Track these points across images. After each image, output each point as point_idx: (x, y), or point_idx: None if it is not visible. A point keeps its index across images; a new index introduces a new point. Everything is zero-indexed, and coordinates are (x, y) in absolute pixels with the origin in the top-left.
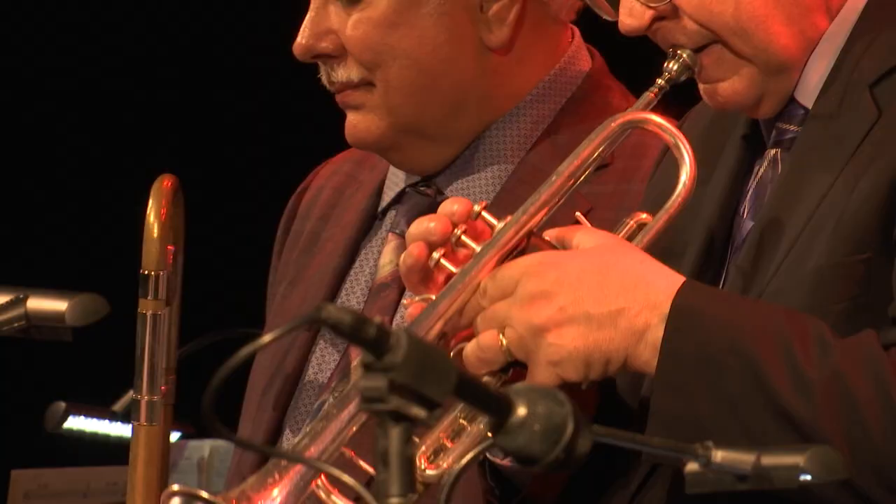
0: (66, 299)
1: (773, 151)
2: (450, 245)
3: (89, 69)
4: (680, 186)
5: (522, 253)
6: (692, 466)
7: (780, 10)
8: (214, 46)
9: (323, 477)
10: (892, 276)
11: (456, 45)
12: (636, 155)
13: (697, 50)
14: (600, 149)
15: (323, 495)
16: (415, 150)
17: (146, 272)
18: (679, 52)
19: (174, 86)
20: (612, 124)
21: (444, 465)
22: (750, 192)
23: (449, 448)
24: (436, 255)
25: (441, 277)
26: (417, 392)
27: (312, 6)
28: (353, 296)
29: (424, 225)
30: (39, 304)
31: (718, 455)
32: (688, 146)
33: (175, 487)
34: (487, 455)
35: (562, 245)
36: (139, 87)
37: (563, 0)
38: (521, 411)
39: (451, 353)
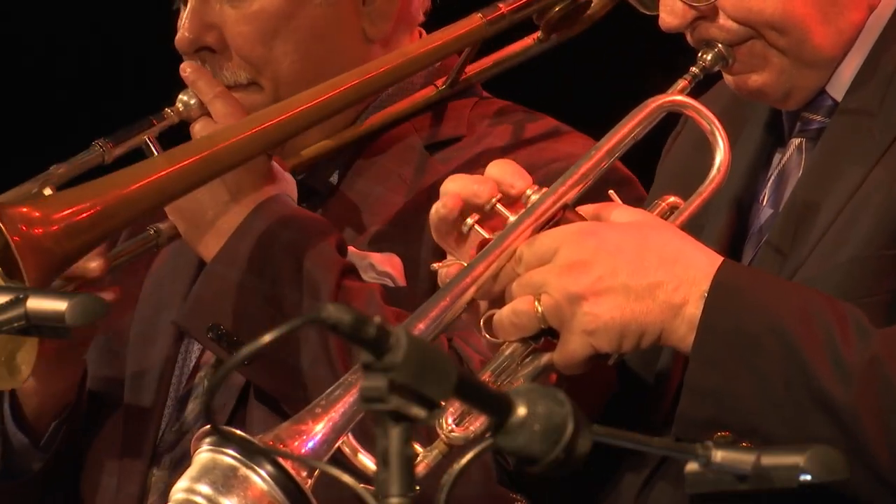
0: (66, 299)
1: (797, 141)
2: (483, 211)
3: None
4: (714, 171)
5: (557, 225)
6: (692, 466)
7: (817, 9)
8: None
9: (350, 435)
10: None
11: (342, 37)
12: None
13: (733, 44)
14: (637, 129)
15: (349, 451)
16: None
17: None
18: (714, 43)
19: None
20: (651, 105)
21: (471, 429)
22: (771, 181)
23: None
24: (470, 220)
25: (473, 242)
26: (417, 392)
27: (191, 1)
28: None
29: (471, 187)
30: (39, 304)
31: (718, 455)
32: (723, 133)
33: (208, 426)
34: None
35: (597, 220)
36: None
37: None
38: (521, 411)
39: (482, 320)
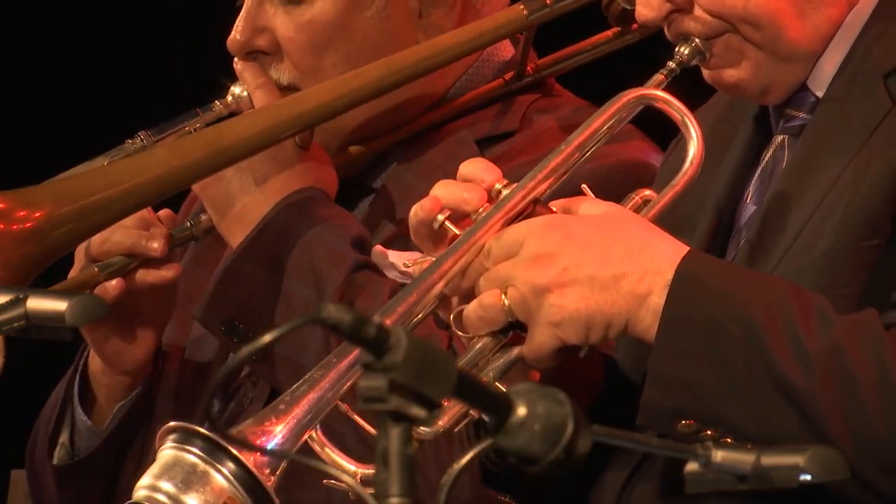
0: (66, 299)
1: (780, 138)
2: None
3: None
4: (687, 164)
5: (527, 219)
6: (692, 466)
7: (792, 4)
8: None
9: (318, 429)
10: None
11: (395, 50)
12: None
13: (709, 38)
14: (610, 122)
15: (317, 448)
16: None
17: None
18: (691, 37)
19: None
20: (623, 99)
21: (441, 424)
22: (755, 178)
23: (446, 405)
24: (440, 216)
25: (445, 239)
26: (417, 392)
27: (247, 2)
28: None
29: (460, 194)
30: (39, 304)
31: (718, 455)
32: (696, 124)
33: (173, 423)
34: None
35: (567, 213)
36: None
37: (493, 5)
38: (521, 411)
39: (452, 315)
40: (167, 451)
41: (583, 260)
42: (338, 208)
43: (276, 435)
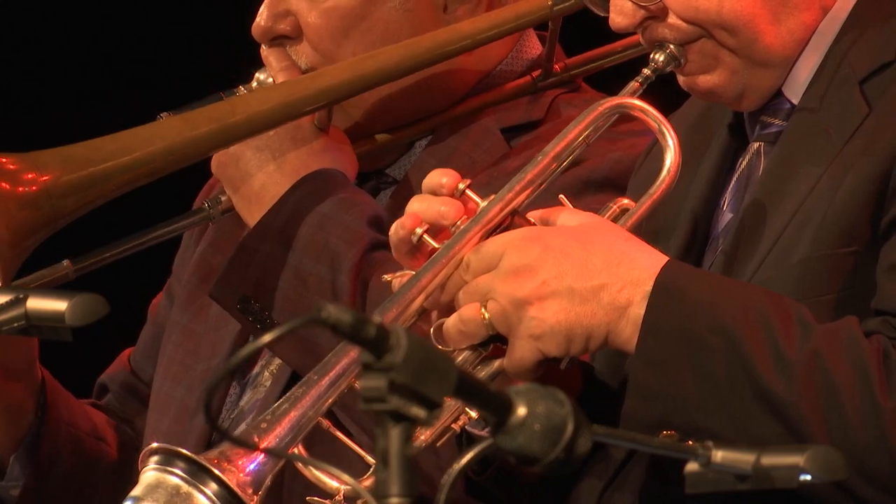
0: (66, 299)
1: (756, 145)
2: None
3: None
4: (664, 172)
5: (506, 231)
6: (692, 466)
7: (767, 8)
8: None
9: (300, 446)
10: (877, 269)
11: None
12: None
13: (683, 44)
14: (586, 132)
15: (300, 465)
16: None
17: None
18: (666, 43)
19: None
20: (599, 108)
21: (423, 438)
22: (731, 185)
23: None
24: (419, 230)
25: (424, 253)
26: (417, 392)
27: None
28: None
29: (436, 208)
30: (39, 303)
31: (718, 455)
32: (672, 133)
33: (155, 445)
34: (467, 428)
35: (545, 225)
36: None
37: None
38: (521, 411)
39: (432, 328)
40: (150, 473)
41: (562, 272)
42: (354, 188)
43: (258, 455)
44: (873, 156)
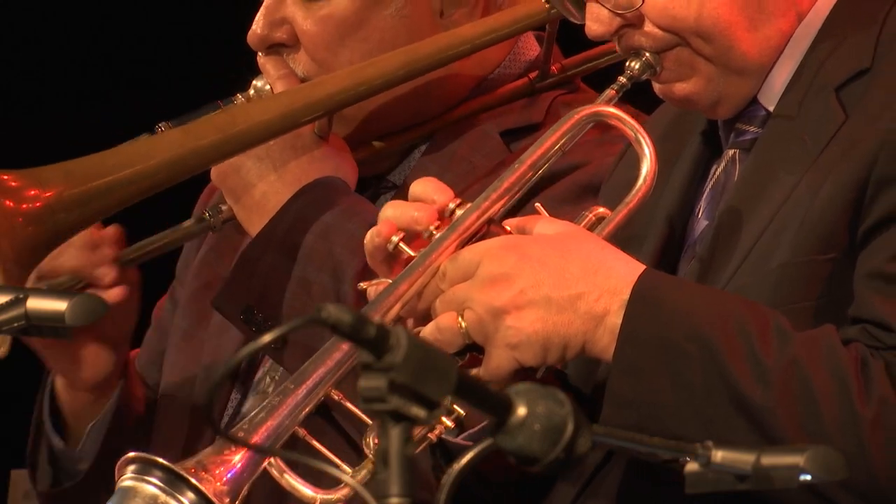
0: (66, 299)
1: (731, 152)
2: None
3: None
4: (640, 181)
5: (482, 240)
6: (692, 466)
7: (744, 16)
8: None
9: (277, 458)
10: (854, 277)
11: None
12: None
13: (659, 52)
14: (562, 140)
15: (276, 473)
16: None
17: None
18: (642, 51)
19: None
20: (575, 116)
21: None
22: (706, 193)
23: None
24: (395, 238)
25: (401, 261)
26: (417, 392)
27: None
28: None
29: (410, 213)
30: (39, 303)
31: (718, 455)
32: (649, 141)
33: (132, 454)
34: (443, 437)
35: (522, 233)
36: None
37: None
38: (521, 411)
39: None
40: (127, 483)
41: (539, 281)
42: (356, 196)
43: (234, 464)
44: (851, 163)
